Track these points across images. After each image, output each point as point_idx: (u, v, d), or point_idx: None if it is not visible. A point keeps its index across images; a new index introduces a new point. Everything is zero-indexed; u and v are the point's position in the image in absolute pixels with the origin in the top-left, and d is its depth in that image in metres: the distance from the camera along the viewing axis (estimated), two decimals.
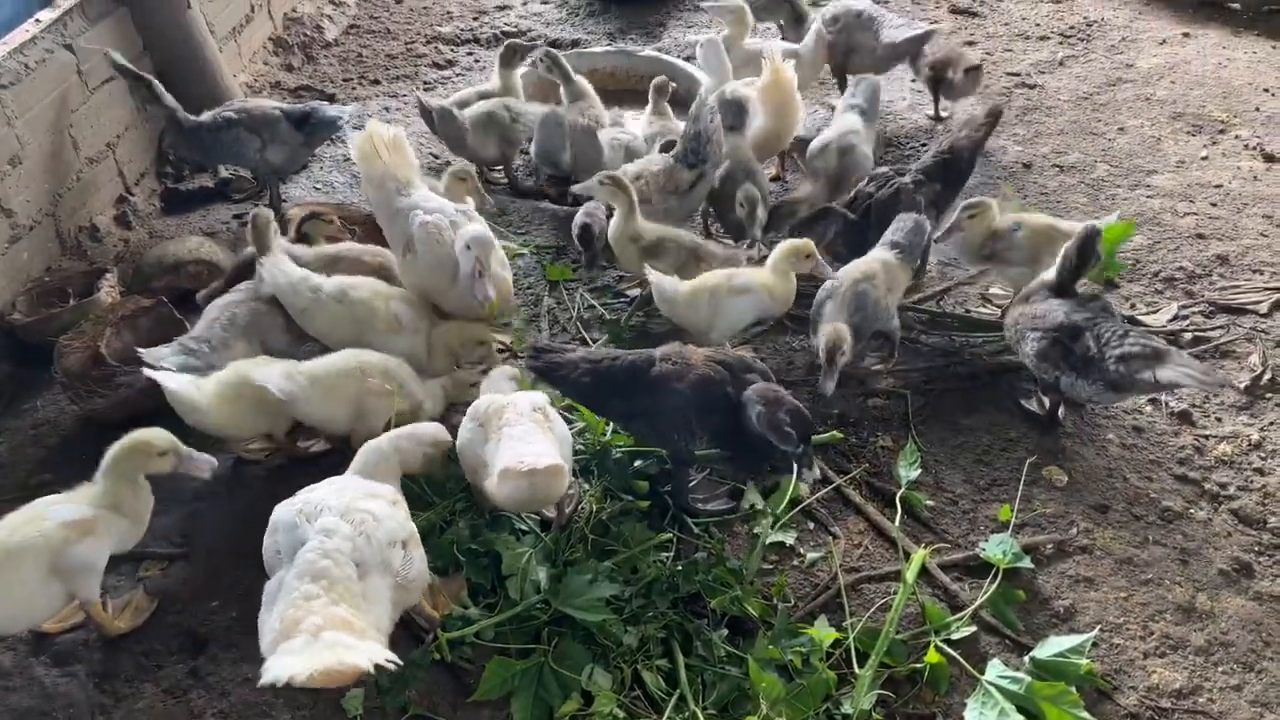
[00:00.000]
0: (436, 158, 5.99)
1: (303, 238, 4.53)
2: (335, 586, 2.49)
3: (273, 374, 3.50)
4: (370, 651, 2.31)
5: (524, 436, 3.06)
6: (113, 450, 3.11)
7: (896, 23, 5.97)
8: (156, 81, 5.11)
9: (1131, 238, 4.83)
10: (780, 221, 4.65)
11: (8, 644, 3.16)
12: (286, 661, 2.24)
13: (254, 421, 3.62)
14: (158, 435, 3.16)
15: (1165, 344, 3.48)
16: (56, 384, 4.10)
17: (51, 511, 2.98)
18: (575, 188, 4.66)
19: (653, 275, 4.12)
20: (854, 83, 5.35)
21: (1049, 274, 3.83)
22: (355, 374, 3.62)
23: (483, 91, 5.82)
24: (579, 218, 4.56)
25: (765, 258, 4.10)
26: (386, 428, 3.59)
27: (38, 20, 4.98)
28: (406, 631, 3.08)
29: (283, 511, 2.76)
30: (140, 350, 3.70)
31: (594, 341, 4.42)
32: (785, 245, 4.01)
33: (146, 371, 3.41)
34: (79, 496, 3.08)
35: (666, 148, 4.98)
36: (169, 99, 5.10)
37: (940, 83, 6.04)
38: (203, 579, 3.39)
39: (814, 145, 5.05)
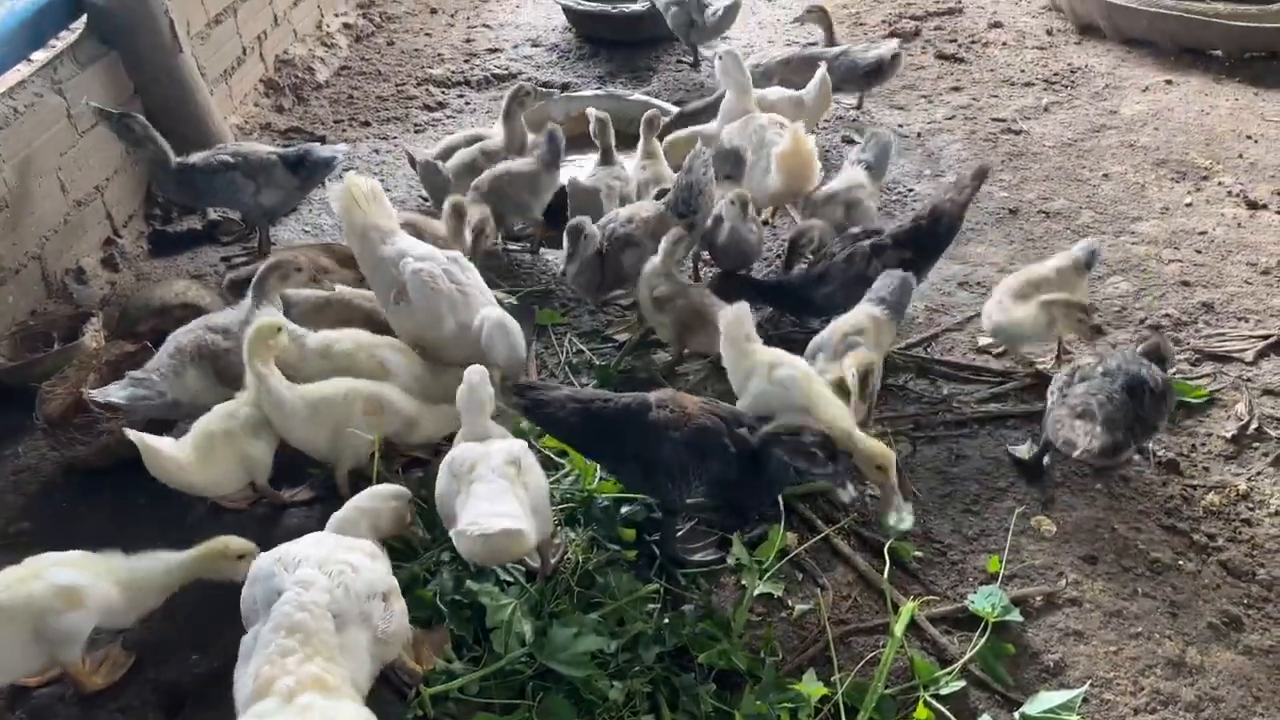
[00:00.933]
0: (425, 200, 6.00)
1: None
2: (311, 640, 2.45)
3: (281, 382, 3.57)
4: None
5: (488, 495, 2.98)
6: (194, 551, 3.16)
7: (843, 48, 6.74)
8: (141, 118, 5.06)
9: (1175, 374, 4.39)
10: (795, 257, 4.64)
11: None
12: None
13: (235, 476, 3.62)
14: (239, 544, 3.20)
15: (1103, 411, 3.51)
16: (38, 430, 4.06)
17: (49, 573, 2.93)
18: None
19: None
20: (866, 138, 5.34)
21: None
22: (339, 402, 3.62)
23: (471, 136, 5.85)
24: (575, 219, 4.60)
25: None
26: (371, 458, 3.62)
27: (30, 60, 5.00)
28: (388, 686, 3.04)
29: (262, 562, 2.73)
30: (88, 391, 3.68)
31: (582, 387, 4.41)
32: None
33: (130, 434, 3.37)
34: (90, 564, 3.03)
35: (661, 195, 4.99)
36: (160, 141, 5.05)
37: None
38: (182, 631, 3.34)
39: (819, 195, 5.05)
